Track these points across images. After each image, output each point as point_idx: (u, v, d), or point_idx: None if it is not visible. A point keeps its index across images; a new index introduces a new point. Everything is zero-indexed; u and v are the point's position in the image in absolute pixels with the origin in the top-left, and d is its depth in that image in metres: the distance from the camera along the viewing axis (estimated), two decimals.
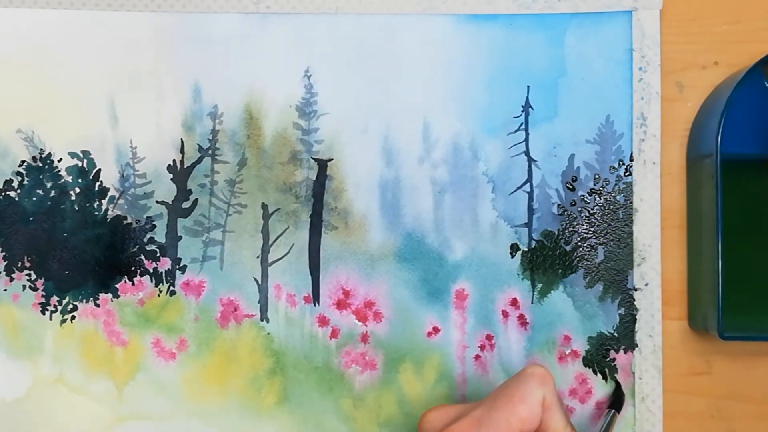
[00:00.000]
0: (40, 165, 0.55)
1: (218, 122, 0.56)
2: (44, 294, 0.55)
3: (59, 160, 0.55)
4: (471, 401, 0.48)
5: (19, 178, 0.55)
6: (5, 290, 0.55)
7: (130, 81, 0.56)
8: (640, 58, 0.55)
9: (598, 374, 0.55)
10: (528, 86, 0.55)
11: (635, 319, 0.55)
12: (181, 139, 0.56)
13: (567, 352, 0.55)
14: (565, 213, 0.55)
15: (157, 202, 0.56)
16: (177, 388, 0.55)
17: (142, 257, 0.55)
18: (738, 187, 0.53)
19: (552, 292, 0.55)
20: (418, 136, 0.56)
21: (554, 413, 0.46)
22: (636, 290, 0.55)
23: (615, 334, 0.55)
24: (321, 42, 0.56)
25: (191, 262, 0.55)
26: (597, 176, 0.55)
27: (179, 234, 0.55)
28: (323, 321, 0.55)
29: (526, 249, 0.55)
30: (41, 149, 0.55)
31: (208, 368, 0.55)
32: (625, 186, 0.55)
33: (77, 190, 0.55)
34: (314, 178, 0.56)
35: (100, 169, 0.56)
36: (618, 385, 0.55)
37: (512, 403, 0.45)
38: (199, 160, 0.56)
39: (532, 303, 0.55)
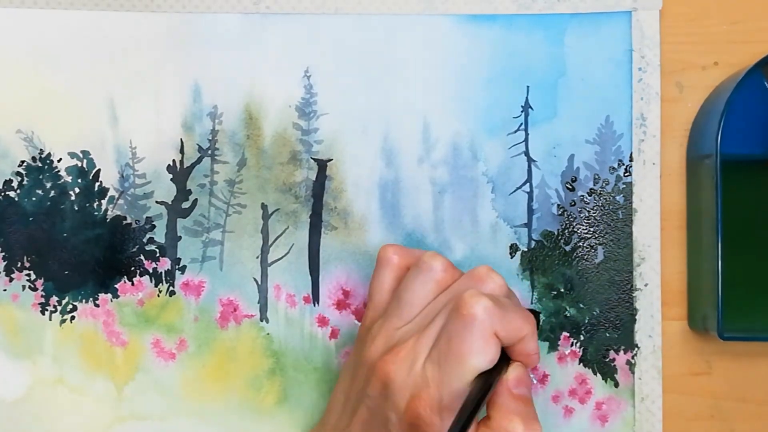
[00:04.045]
0: (40, 165, 0.55)
1: (218, 122, 0.56)
2: (44, 294, 0.55)
3: (59, 161, 0.55)
4: (394, 314, 0.48)
5: (19, 179, 0.55)
6: (5, 290, 0.55)
7: (130, 81, 0.56)
8: (639, 59, 0.55)
9: (598, 374, 0.55)
10: (528, 86, 0.55)
11: (635, 320, 0.55)
12: (181, 140, 0.56)
13: (566, 353, 0.55)
14: (565, 213, 0.55)
15: (156, 202, 0.56)
16: (177, 389, 0.55)
17: (142, 257, 0.55)
18: (738, 187, 0.53)
19: (551, 292, 0.55)
20: (418, 137, 0.56)
21: (513, 331, 0.45)
22: (636, 290, 0.55)
23: (615, 334, 0.55)
24: (321, 42, 0.56)
25: (191, 262, 0.55)
26: (597, 176, 0.55)
27: (179, 234, 0.55)
28: (323, 321, 0.55)
29: (526, 249, 0.55)
30: (41, 149, 0.55)
31: (207, 368, 0.55)
32: (624, 186, 0.55)
33: (77, 190, 0.55)
34: (314, 179, 0.56)
35: (99, 170, 0.56)
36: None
37: (462, 358, 0.44)
38: (198, 161, 0.56)
39: (531, 303, 0.55)
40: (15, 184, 0.55)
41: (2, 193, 0.55)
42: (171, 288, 0.55)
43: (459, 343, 0.44)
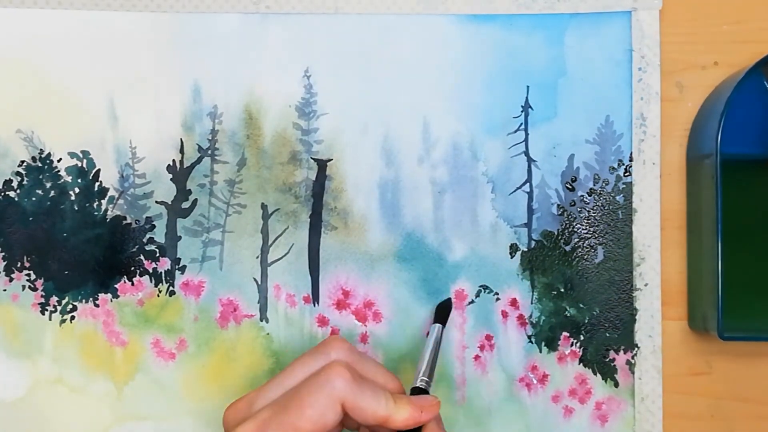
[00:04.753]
0: (40, 165, 0.55)
1: (218, 122, 0.56)
2: (44, 294, 0.55)
3: (59, 160, 0.55)
4: (270, 384, 0.47)
5: (19, 178, 0.55)
6: (5, 290, 0.55)
7: (130, 81, 0.56)
8: (639, 59, 0.55)
9: (598, 374, 0.55)
10: (528, 86, 0.55)
11: (635, 320, 0.55)
12: (181, 139, 0.56)
13: (566, 352, 0.55)
14: (565, 213, 0.55)
15: (156, 202, 0.56)
16: (176, 388, 0.55)
17: (142, 257, 0.55)
18: (738, 187, 0.53)
19: (551, 292, 0.55)
20: (418, 136, 0.56)
21: (362, 409, 0.44)
22: (636, 290, 0.55)
23: (615, 334, 0.55)
24: (321, 42, 0.56)
25: (191, 262, 0.55)
26: (596, 176, 0.55)
27: (179, 234, 0.55)
28: (323, 321, 0.55)
29: (526, 249, 0.55)
30: (41, 149, 0.55)
31: (207, 368, 0.55)
32: (624, 186, 0.55)
33: (77, 190, 0.55)
34: (314, 178, 0.56)
35: (99, 169, 0.56)
36: (448, 300, 0.55)
37: (302, 408, 0.43)
38: (198, 160, 0.56)
39: (531, 303, 0.55)
40: (15, 184, 0.55)
41: (2, 193, 0.55)
42: (171, 288, 0.55)
43: (305, 394, 0.44)
